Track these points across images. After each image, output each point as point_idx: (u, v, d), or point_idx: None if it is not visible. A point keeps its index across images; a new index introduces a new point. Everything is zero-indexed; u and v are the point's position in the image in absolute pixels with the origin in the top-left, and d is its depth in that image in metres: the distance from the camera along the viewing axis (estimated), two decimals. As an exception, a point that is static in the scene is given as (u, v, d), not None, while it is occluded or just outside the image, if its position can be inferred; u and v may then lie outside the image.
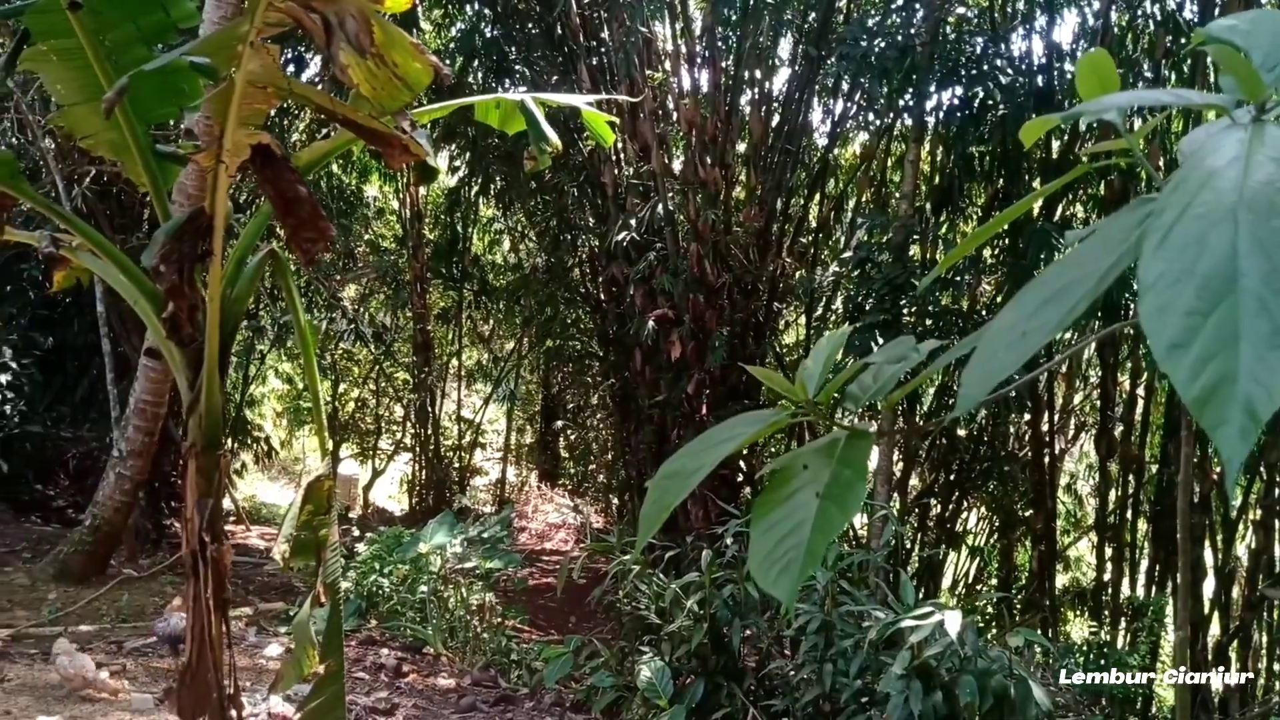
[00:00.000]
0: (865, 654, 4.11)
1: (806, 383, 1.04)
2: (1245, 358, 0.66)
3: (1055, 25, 7.54)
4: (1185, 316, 0.69)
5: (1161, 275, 0.72)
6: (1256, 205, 0.71)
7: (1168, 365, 0.68)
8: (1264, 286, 0.68)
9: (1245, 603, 6.74)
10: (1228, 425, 0.65)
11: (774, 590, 0.92)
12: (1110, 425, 6.93)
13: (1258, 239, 0.70)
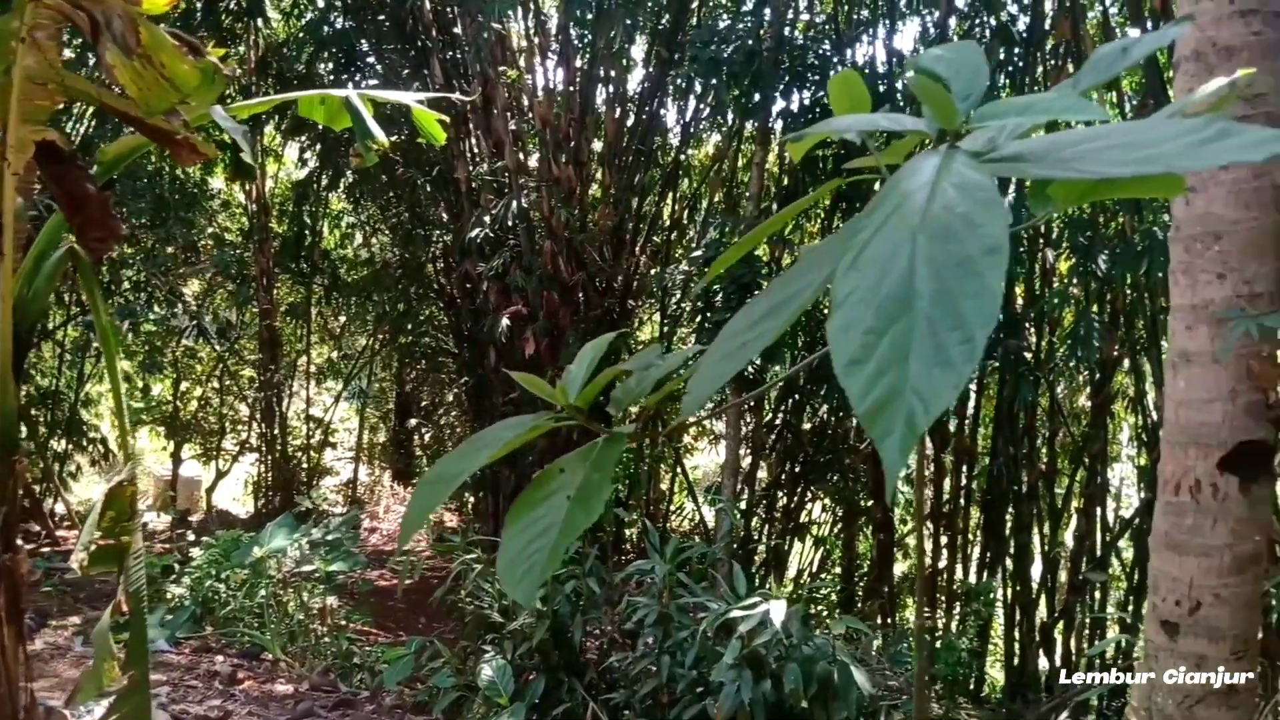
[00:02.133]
0: (700, 644, 4.21)
1: (569, 387, 1.07)
2: (913, 374, 0.72)
3: (897, 33, 7.86)
4: (864, 334, 0.74)
5: (850, 294, 0.77)
6: (934, 229, 0.78)
7: (846, 380, 0.73)
8: (934, 307, 0.74)
9: (1070, 585, 7.17)
10: (891, 437, 0.70)
11: (516, 593, 0.94)
12: (945, 418, 7.28)
13: (932, 262, 0.76)
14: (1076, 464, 6.96)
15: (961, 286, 0.74)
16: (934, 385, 0.71)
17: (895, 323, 0.74)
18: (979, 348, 0.72)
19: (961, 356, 0.72)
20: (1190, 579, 3.15)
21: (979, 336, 0.72)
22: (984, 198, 0.79)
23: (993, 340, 6.86)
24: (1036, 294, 6.84)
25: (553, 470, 1.03)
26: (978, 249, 0.76)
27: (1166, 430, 3.28)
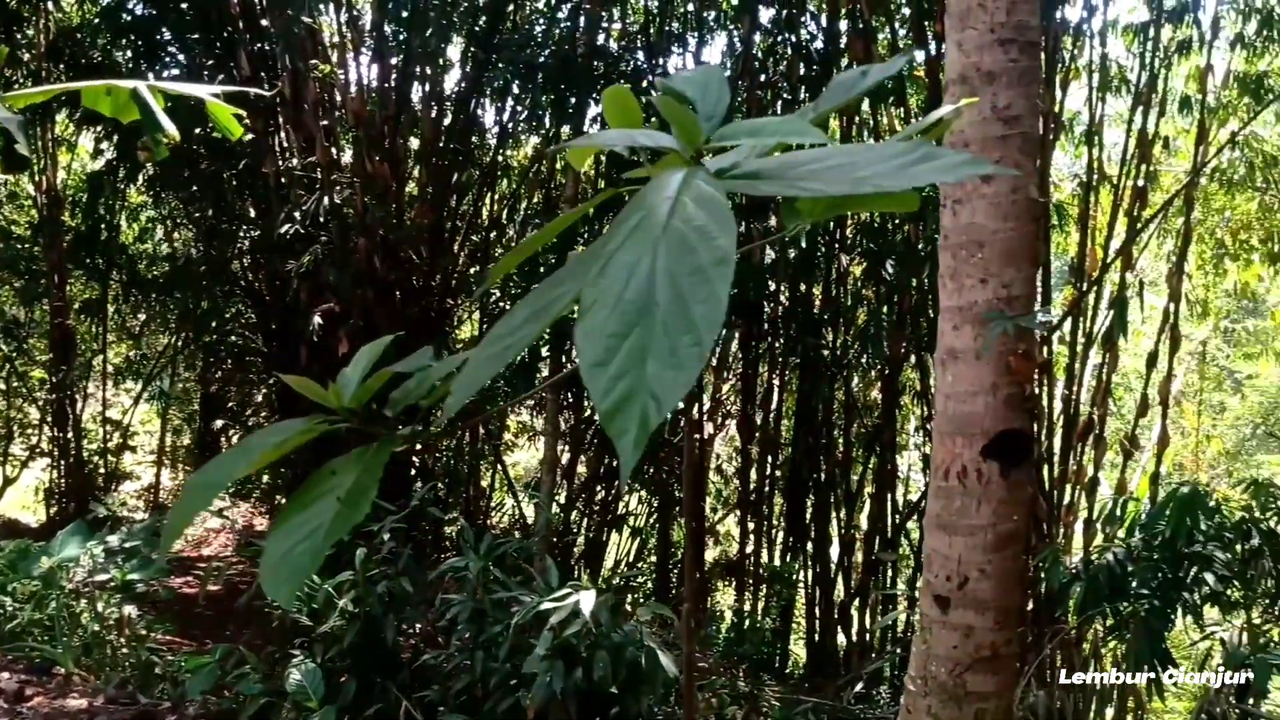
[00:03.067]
0: (514, 638, 4.26)
1: (343, 390, 1.09)
2: (650, 375, 0.79)
3: (706, 45, 8.11)
4: (608, 338, 0.81)
5: (597, 300, 0.84)
6: (673, 241, 0.85)
7: (590, 382, 0.79)
8: (670, 313, 0.82)
9: (865, 565, 7.64)
10: (627, 435, 0.77)
11: (277, 595, 0.94)
12: (751, 412, 7.62)
13: (670, 271, 0.84)
14: (869, 452, 7.43)
15: (694, 293, 0.82)
16: (667, 385, 0.79)
17: (636, 327, 0.81)
18: (707, 349, 0.81)
19: (691, 358, 0.80)
20: (959, 556, 3.44)
21: (707, 339, 0.81)
22: (717, 212, 0.87)
23: (794, 339, 7.25)
24: (833, 296, 7.24)
25: (324, 473, 1.04)
26: (709, 259, 0.84)
27: (937, 421, 3.57)
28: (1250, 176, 8.98)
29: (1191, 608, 4.64)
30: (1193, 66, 7.33)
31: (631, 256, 0.86)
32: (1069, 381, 6.71)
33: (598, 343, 0.81)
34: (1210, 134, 7.27)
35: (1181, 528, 4.65)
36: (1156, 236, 8.55)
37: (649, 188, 0.94)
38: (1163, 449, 6.89)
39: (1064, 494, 6.66)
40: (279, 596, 0.95)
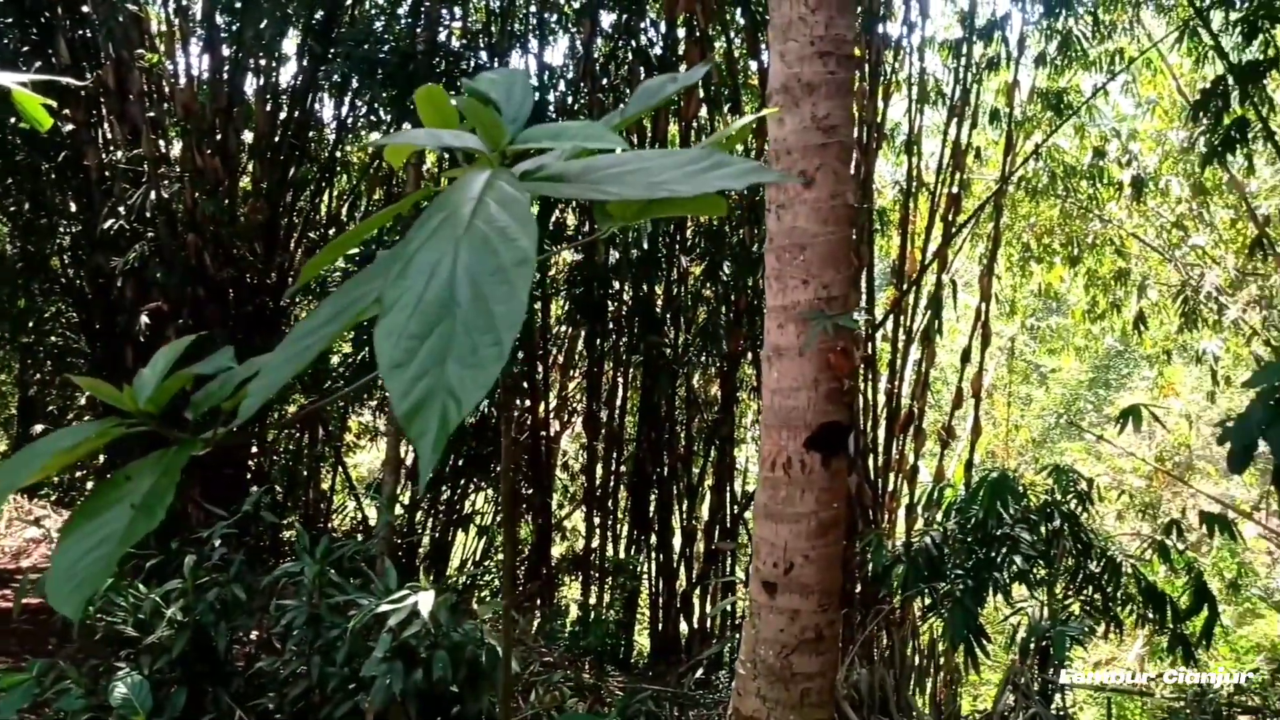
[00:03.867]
0: (352, 642, 4.19)
1: (139, 391, 1.06)
2: (450, 376, 0.82)
3: (549, 47, 8.14)
4: (408, 339, 0.82)
5: (397, 300, 0.86)
6: (475, 241, 0.89)
7: (389, 383, 0.80)
8: (470, 313, 0.85)
9: (706, 555, 7.84)
10: (427, 435, 0.79)
11: (64, 607, 0.89)
12: (597, 409, 7.71)
13: (471, 271, 0.87)
14: (710, 446, 7.65)
15: (495, 294, 0.86)
16: (467, 385, 0.81)
17: (436, 328, 0.84)
18: (507, 348, 0.84)
19: (492, 357, 0.83)
20: (785, 543, 3.61)
21: (507, 339, 0.84)
22: (520, 213, 0.91)
23: (637, 337, 7.38)
24: (674, 295, 7.41)
25: (117, 479, 1.01)
26: (511, 260, 0.88)
27: (764, 415, 3.73)
28: (1052, 185, 9.72)
29: (1001, 586, 4.96)
30: (1001, 82, 7.87)
31: (433, 256, 0.88)
32: (891, 376, 7.09)
33: (397, 343, 0.82)
34: (1017, 145, 7.83)
35: (991, 511, 4.96)
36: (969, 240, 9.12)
37: (453, 188, 0.97)
38: (976, 438, 7.37)
39: (887, 482, 7.04)
40: (67, 608, 0.89)
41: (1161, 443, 11.45)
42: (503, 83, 1.09)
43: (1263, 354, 8.91)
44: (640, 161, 1.02)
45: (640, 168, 1.00)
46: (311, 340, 0.94)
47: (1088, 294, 11.06)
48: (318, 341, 0.94)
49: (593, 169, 1.02)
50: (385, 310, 0.85)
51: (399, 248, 0.99)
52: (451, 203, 0.94)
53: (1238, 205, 9.58)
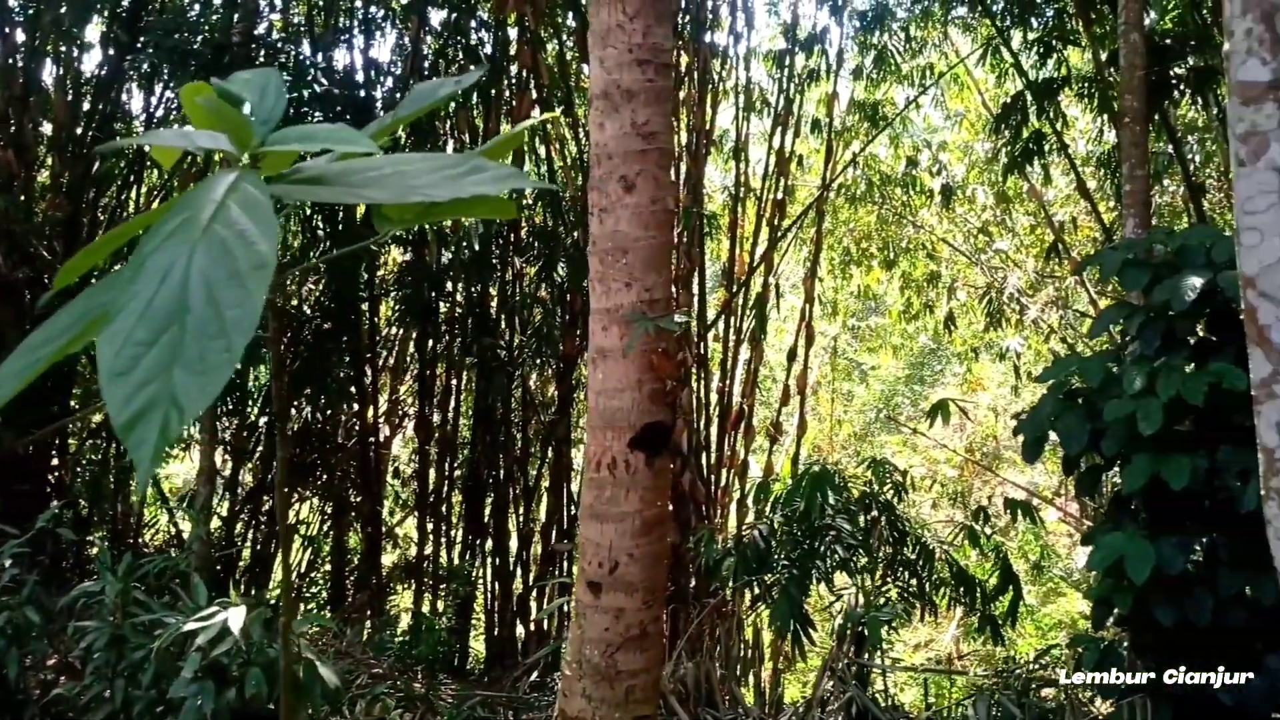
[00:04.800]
0: (159, 662, 3.97)
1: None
2: (176, 383, 0.78)
3: (374, 43, 7.92)
4: (133, 346, 0.79)
5: (126, 306, 0.82)
6: (212, 244, 0.86)
7: (108, 392, 0.77)
8: (202, 319, 0.82)
9: (542, 557, 7.82)
10: (145, 445, 0.75)
11: None
12: (429, 413, 7.57)
13: (206, 275, 0.84)
14: (546, 448, 7.64)
15: (228, 298, 0.84)
16: (192, 393, 0.79)
17: (164, 334, 0.81)
18: (237, 355, 0.82)
19: (221, 364, 0.81)
20: (610, 543, 3.65)
21: (238, 344, 0.82)
22: (262, 216, 0.89)
23: (470, 339, 7.30)
24: (508, 296, 7.37)
25: None
26: (247, 264, 0.86)
27: (590, 416, 3.77)
28: (870, 192, 10.22)
29: (824, 575, 5.15)
30: (822, 92, 8.20)
31: (166, 260, 0.85)
32: (723, 376, 7.28)
33: (121, 350, 0.80)
34: (837, 153, 8.19)
35: (813, 503, 5.13)
36: (794, 244, 9.46)
37: (197, 189, 0.94)
38: (802, 434, 7.66)
39: (720, 478, 7.22)
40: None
41: (971, 435, 12.22)
42: (255, 83, 1.06)
43: (1060, 351, 9.64)
44: (398, 165, 1.01)
45: (398, 171, 1.00)
46: (45, 350, 0.89)
47: (903, 295, 11.72)
48: (50, 352, 0.89)
49: (351, 172, 1.01)
50: (112, 316, 0.82)
51: (134, 252, 0.95)
52: (192, 205, 0.91)
53: (1036, 213, 10.33)
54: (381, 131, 1.14)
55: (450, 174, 0.99)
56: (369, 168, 1.02)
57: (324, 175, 1.01)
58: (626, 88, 3.53)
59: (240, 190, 0.92)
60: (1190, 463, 3.35)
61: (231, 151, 1.00)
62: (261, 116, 1.03)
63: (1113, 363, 3.84)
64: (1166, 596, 3.44)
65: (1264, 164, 2.36)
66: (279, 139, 1.01)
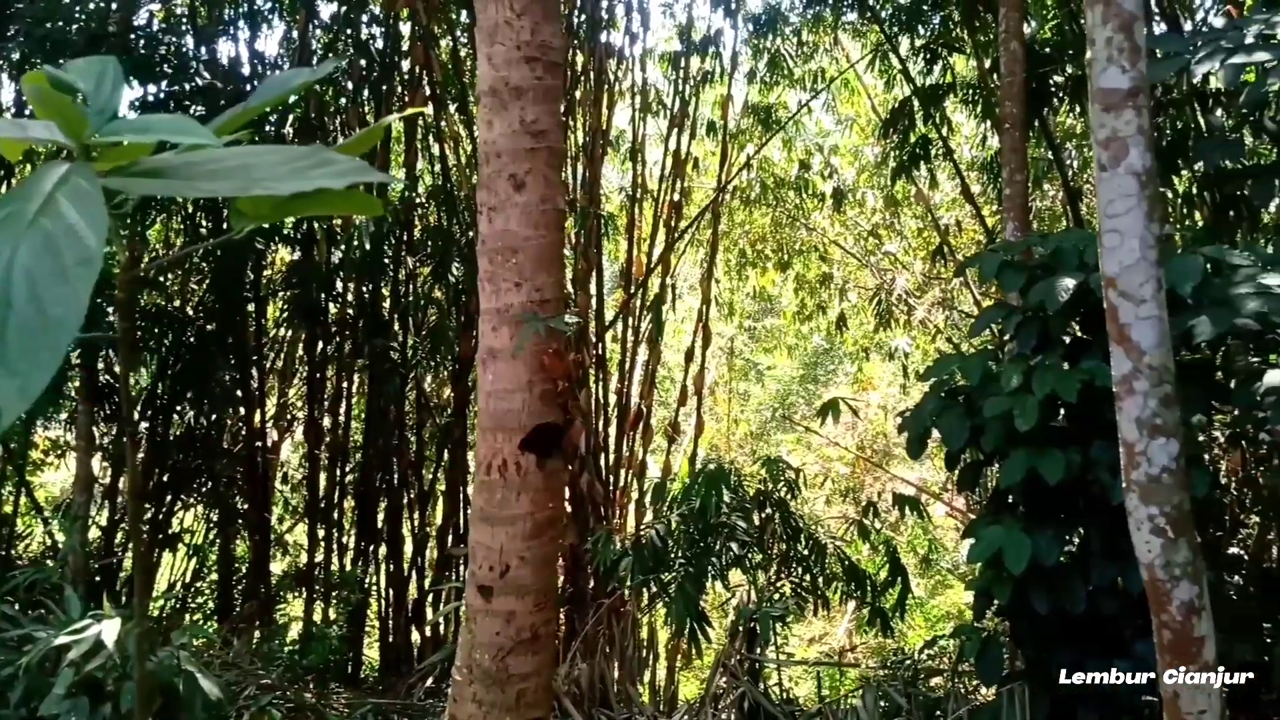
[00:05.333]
0: (29, 679, 3.77)
1: None
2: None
3: (261, 35, 7.66)
4: None
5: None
6: (37, 239, 0.81)
7: None
8: (24, 316, 0.77)
9: (438, 562, 7.69)
10: None
11: None
12: (319, 416, 7.38)
13: (30, 271, 0.80)
14: (442, 450, 7.53)
15: (53, 295, 0.79)
16: (11, 396, 0.75)
17: (-13, 324, 0.76)
18: (60, 354, 0.78)
19: (43, 364, 0.76)
20: (501, 546, 3.62)
21: (62, 343, 0.78)
22: (92, 210, 0.85)
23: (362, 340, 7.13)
24: (401, 296, 7.24)
25: None
26: (74, 259, 0.81)
27: (480, 418, 3.72)
28: (764, 195, 10.40)
29: (719, 572, 5.20)
30: (717, 95, 8.30)
31: (-13, 252, 0.81)
32: (621, 376, 7.29)
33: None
34: (732, 156, 8.30)
35: (708, 501, 5.17)
36: (691, 245, 9.55)
37: (28, 181, 0.89)
38: (699, 433, 7.73)
39: (618, 478, 7.22)
40: None
41: (863, 433, 12.54)
42: (92, 70, 1.01)
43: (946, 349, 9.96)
44: (244, 158, 0.98)
45: (242, 164, 0.96)
46: None
47: (797, 296, 11.97)
48: None
49: (193, 165, 0.97)
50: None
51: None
52: (19, 198, 0.86)
53: (923, 216, 10.66)
54: (231, 123, 1.10)
55: (296, 167, 0.96)
56: (212, 160, 0.98)
57: (164, 168, 0.97)
58: (515, 85, 3.50)
59: (70, 183, 0.87)
60: (1064, 457, 3.49)
61: (62, 141, 0.95)
62: (97, 106, 0.98)
63: (992, 361, 3.97)
64: (1043, 587, 3.57)
65: (1124, 169, 2.48)
66: (113, 129, 0.96)
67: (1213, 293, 3.42)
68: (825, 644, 10.34)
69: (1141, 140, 2.45)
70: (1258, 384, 3.37)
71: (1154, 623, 2.64)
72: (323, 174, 0.96)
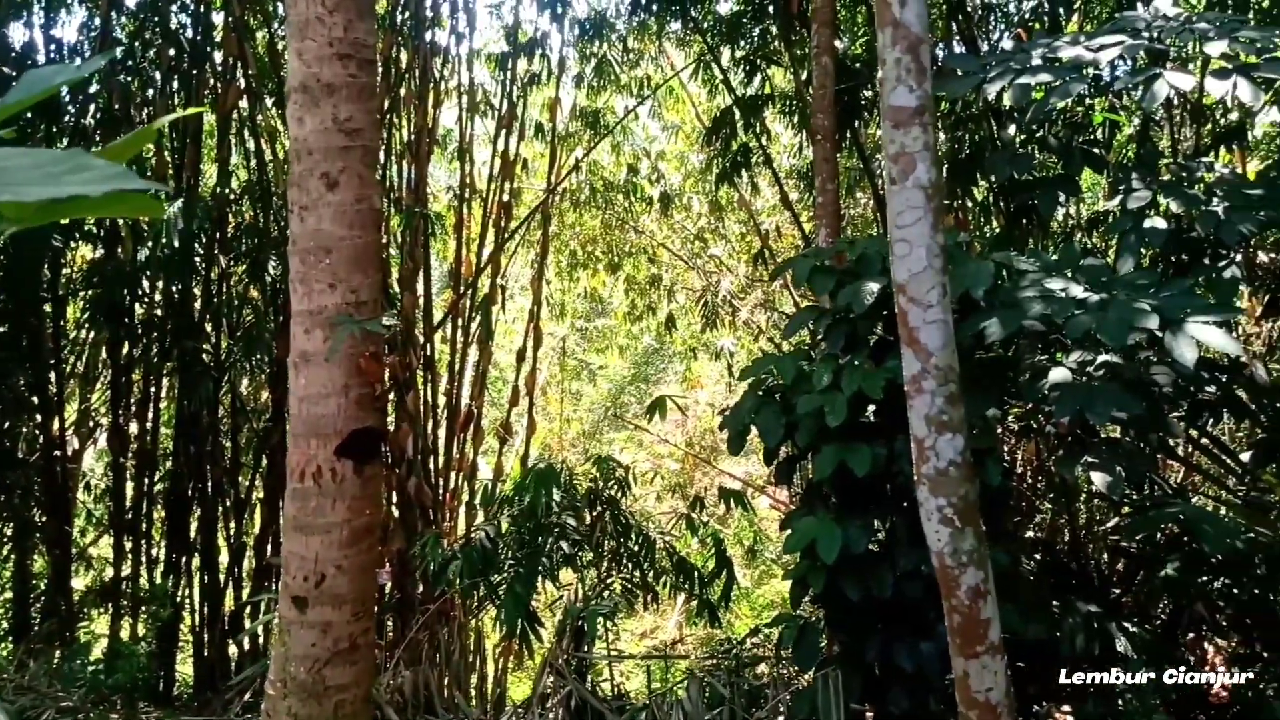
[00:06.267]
0: None
1: None
2: None
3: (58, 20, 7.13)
4: None
5: None
6: None
7: None
8: None
9: (256, 572, 7.38)
10: None
11: None
12: (124, 422, 6.95)
13: None
14: (260, 456, 7.23)
15: None
16: None
17: None
18: None
19: None
20: (316, 555, 3.52)
21: None
22: None
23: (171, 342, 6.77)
24: (214, 296, 6.91)
25: None
26: None
27: (293, 424, 3.61)
28: (594, 198, 10.51)
29: (549, 572, 5.22)
30: (545, 98, 8.32)
31: None
32: (451, 378, 7.21)
33: None
34: (560, 158, 8.34)
35: (538, 501, 5.19)
36: (522, 246, 9.55)
37: None
38: (531, 434, 7.73)
39: (449, 481, 7.14)
40: None
41: (692, 430, 12.86)
42: None
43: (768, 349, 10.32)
44: None
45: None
46: None
47: (627, 298, 12.16)
48: None
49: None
50: None
51: None
52: None
53: (746, 221, 11.01)
54: (-19, 123, 1.04)
55: (50, 172, 0.92)
56: (-38, 164, 0.93)
57: (-101, 170, 0.91)
58: (327, 82, 3.42)
59: None
60: (872, 451, 3.69)
61: None
62: None
63: (805, 361, 4.15)
64: (853, 574, 3.77)
65: (912, 182, 2.66)
66: None
67: (1003, 296, 3.69)
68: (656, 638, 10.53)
69: (928, 156, 2.64)
70: (1043, 380, 3.67)
71: (945, 607, 2.85)
72: (78, 180, 0.92)
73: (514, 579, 5.09)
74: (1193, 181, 4.11)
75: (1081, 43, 4.02)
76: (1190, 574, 4.04)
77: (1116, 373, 3.61)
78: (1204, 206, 3.80)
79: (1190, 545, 3.99)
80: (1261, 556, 3.68)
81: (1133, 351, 3.70)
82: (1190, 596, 4.35)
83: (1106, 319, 3.20)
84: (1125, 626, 4.00)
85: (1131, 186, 4.03)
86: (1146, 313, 3.19)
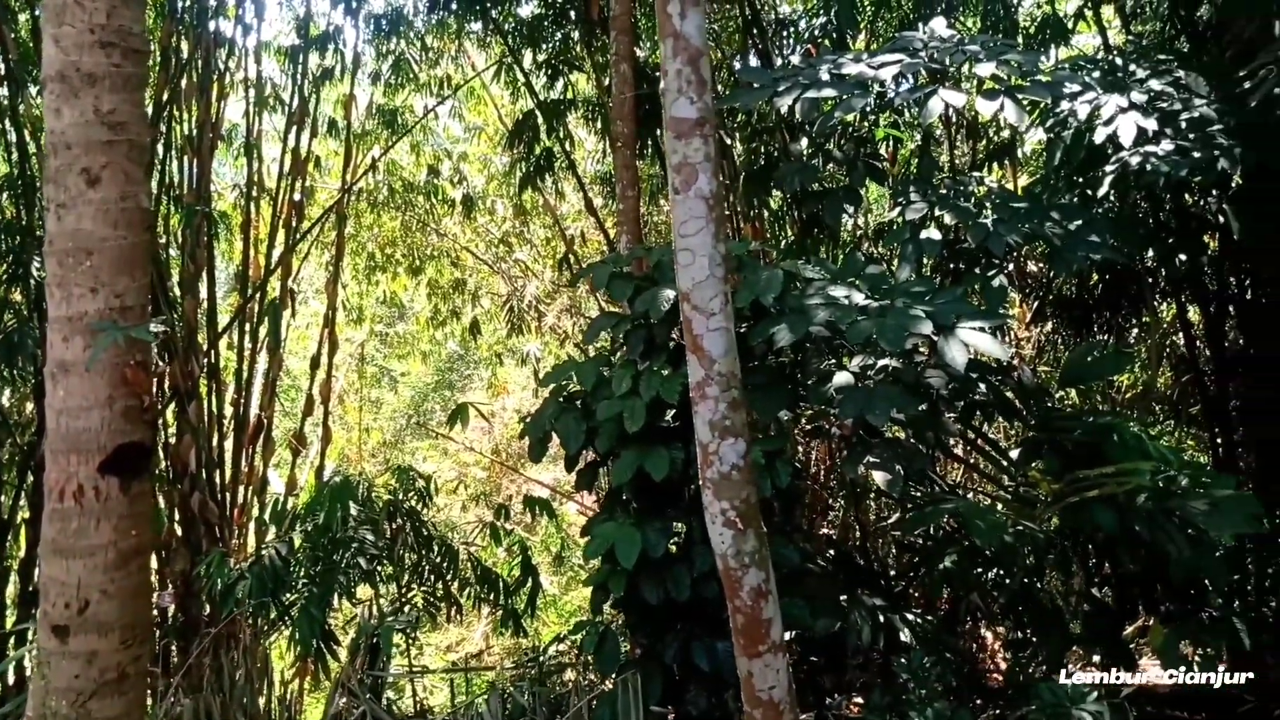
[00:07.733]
0: None
1: None
2: None
3: None
4: None
5: None
6: None
7: None
8: None
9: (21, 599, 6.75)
10: None
11: None
12: None
13: None
14: (24, 474, 6.62)
15: None
16: None
17: None
18: None
19: None
20: (79, 580, 3.26)
21: None
22: None
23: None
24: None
25: None
26: None
27: (50, 439, 3.33)
28: (393, 198, 10.23)
29: (345, 589, 5.01)
30: (340, 94, 8.02)
31: None
32: (238, 386, 6.82)
33: None
34: (356, 157, 8.05)
35: (332, 515, 4.98)
36: (316, 248, 9.17)
37: None
38: (327, 444, 7.42)
39: (237, 496, 6.76)
40: None
41: (498, 437, 12.72)
42: None
43: (575, 354, 10.36)
44: None
45: None
46: None
47: (430, 302, 11.89)
48: None
49: None
50: None
51: None
52: None
53: (551, 226, 11.01)
54: None
55: None
56: None
57: None
58: (88, 72, 3.17)
59: None
60: (669, 455, 3.76)
61: None
62: None
63: (605, 367, 4.18)
64: (652, 577, 3.82)
65: (694, 192, 2.72)
66: None
67: (792, 303, 3.84)
68: (461, 650, 10.34)
69: (709, 166, 2.71)
70: (829, 384, 3.85)
71: (729, 608, 2.93)
72: None
73: (308, 598, 4.87)
74: (966, 195, 4.42)
75: (864, 60, 4.24)
76: (966, 566, 4.31)
77: (896, 376, 3.83)
78: (975, 219, 4.08)
79: (966, 539, 4.26)
80: (1029, 548, 3.96)
81: (910, 355, 3.94)
82: (967, 587, 4.66)
83: (885, 325, 3.39)
84: (908, 617, 4.24)
85: (910, 199, 4.29)
86: (921, 319, 3.39)
